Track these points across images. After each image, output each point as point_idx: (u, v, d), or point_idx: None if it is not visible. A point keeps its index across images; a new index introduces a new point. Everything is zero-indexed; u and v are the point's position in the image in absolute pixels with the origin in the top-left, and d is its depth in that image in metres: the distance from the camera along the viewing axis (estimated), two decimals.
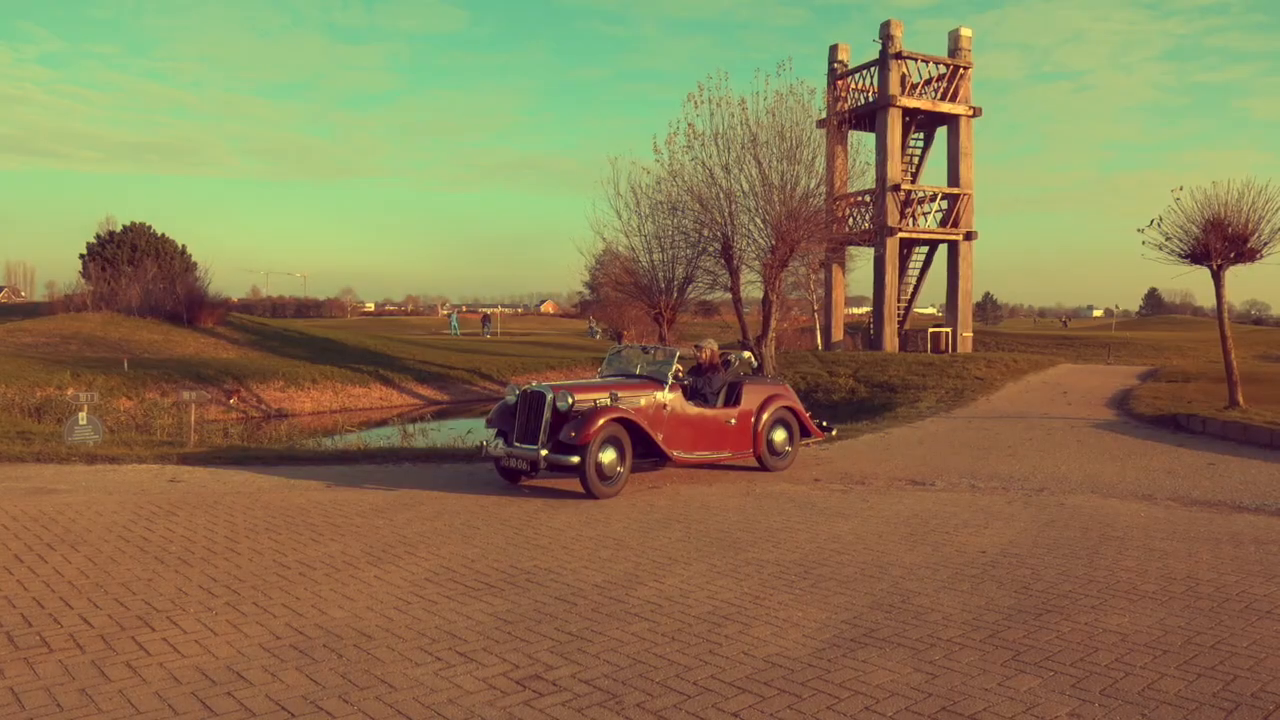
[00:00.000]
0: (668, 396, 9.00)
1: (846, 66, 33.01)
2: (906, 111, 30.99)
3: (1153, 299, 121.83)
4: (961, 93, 31.39)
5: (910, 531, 6.99)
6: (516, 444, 8.51)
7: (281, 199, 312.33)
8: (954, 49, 31.67)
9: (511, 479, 8.91)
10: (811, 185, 22.52)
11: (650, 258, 31.62)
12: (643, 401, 8.80)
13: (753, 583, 5.57)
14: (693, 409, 9.27)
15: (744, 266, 23.47)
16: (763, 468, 9.87)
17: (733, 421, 9.55)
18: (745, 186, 22.42)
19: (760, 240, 22.68)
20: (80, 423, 11.25)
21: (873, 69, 31.53)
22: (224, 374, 29.32)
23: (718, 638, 4.58)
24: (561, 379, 37.74)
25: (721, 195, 22.57)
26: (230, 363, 32.51)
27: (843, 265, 33.05)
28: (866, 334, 35.24)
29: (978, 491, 8.79)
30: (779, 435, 10.01)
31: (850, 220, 30.08)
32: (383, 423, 26.45)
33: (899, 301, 31.92)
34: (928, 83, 31.75)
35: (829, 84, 31.96)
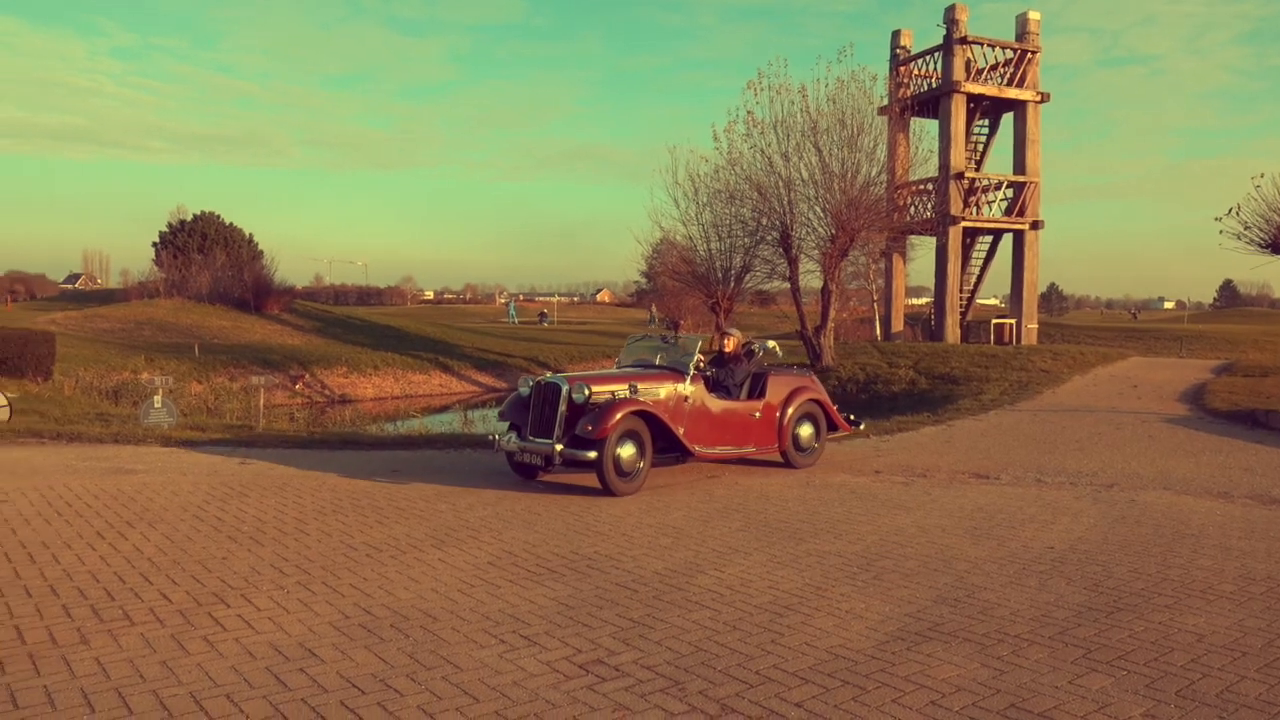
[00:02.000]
0: (689, 388, 8.59)
1: (909, 52, 32.41)
2: (971, 97, 30.33)
3: (1228, 291, 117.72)
4: (1029, 78, 30.61)
5: (974, 525, 6.87)
6: (530, 438, 8.14)
7: (343, 189, 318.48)
8: (1021, 33, 30.88)
9: (526, 475, 8.52)
10: (873, 173, 22.26)
11: (708, 246, 31.54)
12: (663, 393, 8.43)
13: (814, 574, 5.54)
14: (715, 401, 8.88)
15: (803, 256, 23.30)
16: (787, 464, 9.44)
17: (757, 415, 9.14)
18: (805, 175, 22.25)
19: (820, 229, 22.49)
20: (155, 405, 11.63)
21: (936, 54, 30.91)
22: (290, 360, 30.02)
23: (780, 628, 4.56)
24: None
25: (780, 183, 22.42)
26: (295, 349, 33.27)
27: (903, 255, 32.57)
28: (927, 325, 34.67)
29: (1044, 486, 8.60)
30: (805, 430, 9.54)
31: (912, 209, 29.61)
32: (444, 409, 26.85)
33: (961, 292, 31.34)
34: (993, 68, 31.03)
35: (891, 70, 31.44)
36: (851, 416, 10.46)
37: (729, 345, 9.51)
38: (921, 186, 29.22)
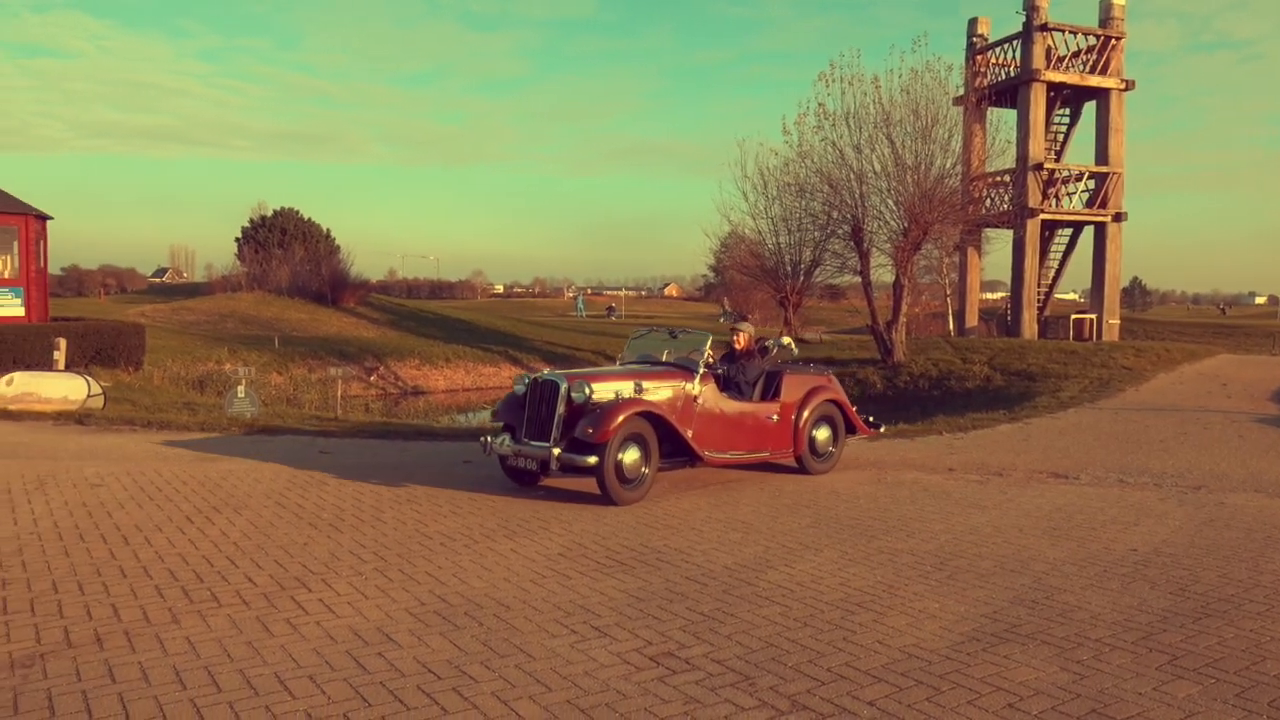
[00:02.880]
0: (698, 387, 7.88)
1: (986, 40, 31.65)
2: (1051, 86, 29.49)
3: None
4: (1113, 65, 29.62)
5: (1053, 526, 6.70)
6: (525, 441, 7.48)
7: (416, 184, 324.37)
8: (1105, 18, 29.89)
9: (521, 480, 7.86)
10: (947, 165, 21.80)
11: (777, 240, 31.24)
12: (670, 393, 7.73)
13: (886, 571, 5.47)
14: (728, 402, 8.17)
15: (874, 249, 22.96)
16: (802, 470, 8.69)
17: (774, 418, 8.43)
18: (877, 167, 21.91)
19: (892, 222, 22.13)
20: (239, 395, 12.04)
21: (1015, 42, 30.12)
22: (364, 352, 30.75)
23: (851, 625, 4.52)
24: None
25: (852, 176, 22.11)
26: (370, 341, 34.06)
27: (979, 248, 31.83)
28: (1003, 320, 33.87)
29: (1127, 487, 8.34)
30: (822, 433, 8.77)
31: (988, 201, 28.93)
32: None
33: (1039, 286, 30.53)
34: (1075, 55, 30.11)
35: (967, 59, 30.76)
36: (871, 419, 9.73)
37: (740, 341, 8.82)
38: (998, 178, 28.52)
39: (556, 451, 7.13)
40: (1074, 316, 31.33)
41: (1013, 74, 30.05)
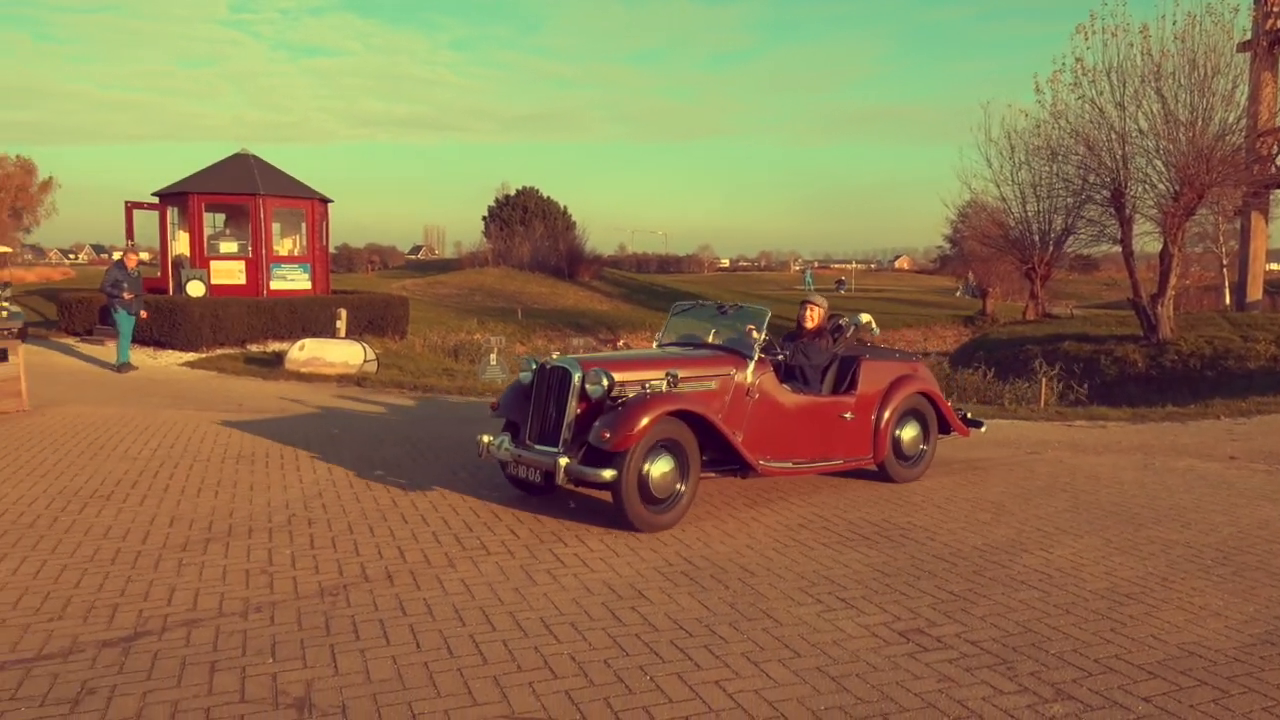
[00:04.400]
0: (753, 377, 6.35)
1: None
2: None
3: None
4: None
5: None
6: (530, 443, 6.04)
7: (645, 161, 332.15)
8: None
9: (529, 490, 6.37)
10: (1230, 119, 19.47)
11: (1023, 208, 29.32)
12: (715, 384, 6.19)
13: (1158, 563, 5.06)
14: (790, 396, 6.61)
15: (1138, 215, 20.96)
16: (885, 477, 7.13)
17: (848, 416, 6.85)
18: (1144, 125, 19.93)
19: (1160, 185, 20.09)
20: (491, 363, 12.95)
21: None
22: (599, 324, 32.02)
23: (1119, 617, 4.24)
24: (919, 338, 36.39)
25: (1114, 136, 20.27)
26: (604, 314, 35.40)
27: (1265, 213, 28.20)
28: None
29: None
30: (908, 432, 7.19)
31: (1279, 159, 25.56)
32: None
33: None
34: None
35: None
36: (969, 415, 8.07)
37: (810, 319, 7.28)
38: None
39: (564, 461, 5.58)
40: None
41: None
